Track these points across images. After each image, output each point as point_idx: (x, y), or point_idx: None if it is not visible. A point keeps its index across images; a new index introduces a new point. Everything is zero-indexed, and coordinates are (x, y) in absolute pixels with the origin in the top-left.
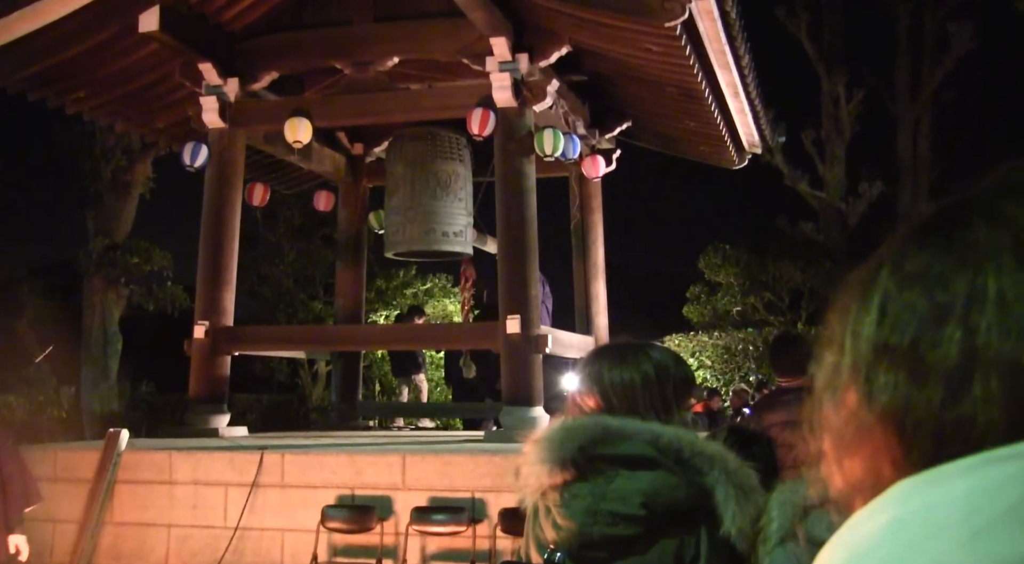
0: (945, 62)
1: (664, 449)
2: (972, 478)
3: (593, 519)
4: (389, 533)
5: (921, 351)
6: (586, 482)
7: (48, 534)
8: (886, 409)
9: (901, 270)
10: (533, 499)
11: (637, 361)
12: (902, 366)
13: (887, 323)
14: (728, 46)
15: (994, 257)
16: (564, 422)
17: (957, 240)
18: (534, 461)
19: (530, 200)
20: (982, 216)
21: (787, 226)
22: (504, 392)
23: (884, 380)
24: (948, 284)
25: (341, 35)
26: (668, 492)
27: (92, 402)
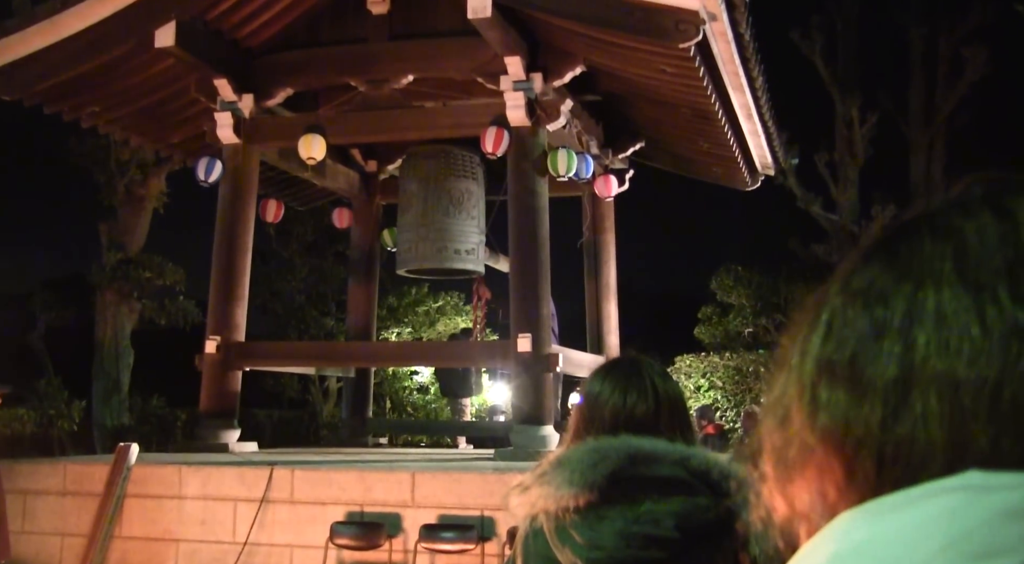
0: (959, 87)
1: (694, 471)
2: (911, 512)
3: (626, 542)
4: (398, 550)
5: (859, 367)
6: (614, 505)
7: (56, 548)
8: (827, 428)
9: (848, 286)
10: (537, 520)
11: (667, 376)
12: (842, 382)
13: (831, 339)
14: (742, 68)
15: (935, 270)
16: (590, 443)
17: (901, 254)
18: (560, 482)
19: (543, 219)
20: (929, 229)
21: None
22: (515, 411)
23: (825, 398)
24: (888, 298)
25: (356, 53)
26: (700, 514)
27: (103, 416)
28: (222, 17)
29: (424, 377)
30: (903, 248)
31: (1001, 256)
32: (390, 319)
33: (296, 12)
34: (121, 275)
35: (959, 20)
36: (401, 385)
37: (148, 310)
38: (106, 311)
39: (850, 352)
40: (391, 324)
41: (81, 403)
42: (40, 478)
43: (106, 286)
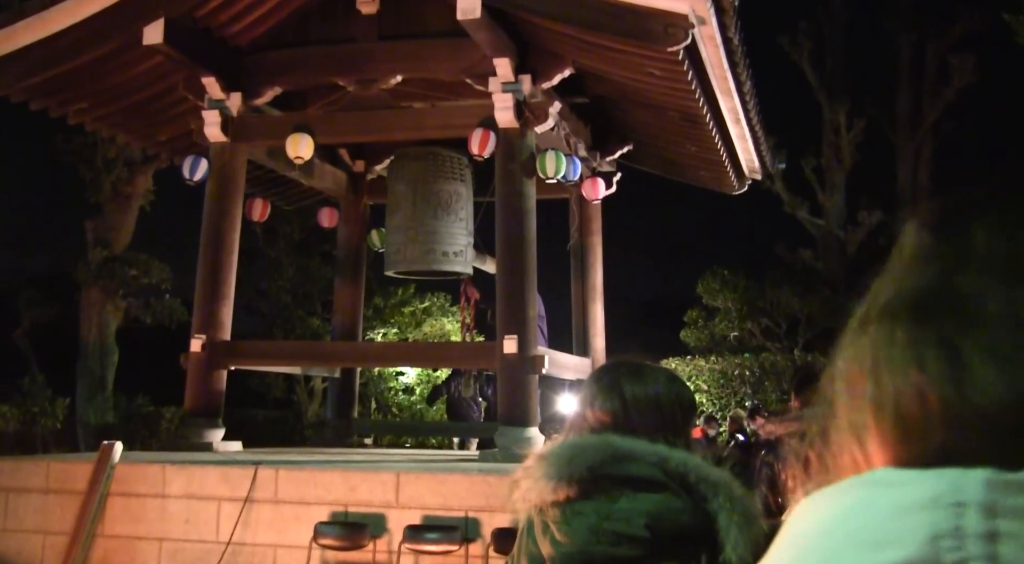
0: (946, 94)
1: (671, 473)
2: (835, 503)
3: (596, 538)
4: (382, 551)
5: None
6: (589, 500)
7: (38, 546)
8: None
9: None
10: (529, 514)
11: (656, 378)
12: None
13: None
14: (730, 72)
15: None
16: (571, 439)
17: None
18: (539, 476)
19: (530, 221)
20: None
21: (786, 253)
22: (500, 412)
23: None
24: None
25: (345, 52)
26: (673, 515)
27: (87, 414)
28: (211, 15)
29: (410, 378)
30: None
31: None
32: (376, 319)
33: (285, 11)
34: (107, 273)
35: (946, 27)
36: (387, 386)
37: (133, 308)
38: (91, 309)
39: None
40: (377, 324)
41: (65, 401)
42: (23, 476)
43: (91, 284)
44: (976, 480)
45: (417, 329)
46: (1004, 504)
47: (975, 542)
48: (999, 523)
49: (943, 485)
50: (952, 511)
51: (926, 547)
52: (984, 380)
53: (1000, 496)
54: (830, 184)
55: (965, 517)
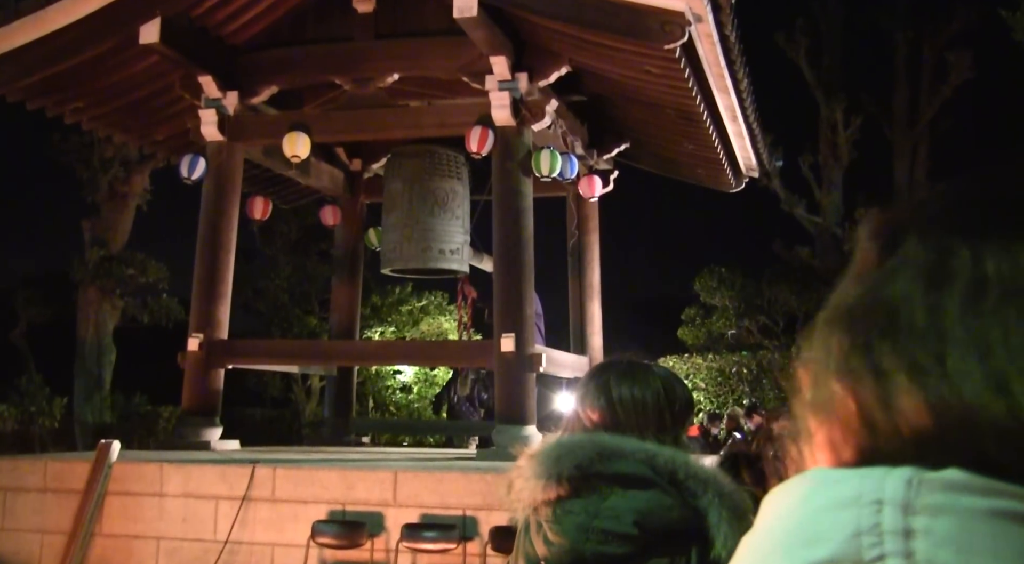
0: (943, 91)
1: (659, 470)
2: (782, 499)
3: (585, 536)
4: (379, 549)
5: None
6: (579, 499)
7: (36, 545)
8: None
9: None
10: (524, 514)
11: (646, 378)
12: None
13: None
14: (727, 69)
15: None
16: (560, 438)
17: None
18: (529, 475)
19: (527, 219)
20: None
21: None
22: (498, 410)
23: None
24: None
25: (342, 51)
26: (662, 512)
27: (84, 413)
28: (207, 14)
29: (407, 377)
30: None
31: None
32: (373, 318)
33: (281, 10)
34: (104, 272)
35: (943, 24)
36: (384, 384)
37: (131, 307)
38: (88, 308)
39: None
40: (374, 323)
41: (63, 400)
42: (21, 475)
43: (88, 283)
44: (897, 478)
45: (414, 328)
46: (919, 502)
47: (892, 538)
48: (914, 520)
49: (867, 483)
50: (873, 508)
51: (849, 544)
52: (900, 390)
53: (916, 494)
54: (827, 181)
55: (883, 514)
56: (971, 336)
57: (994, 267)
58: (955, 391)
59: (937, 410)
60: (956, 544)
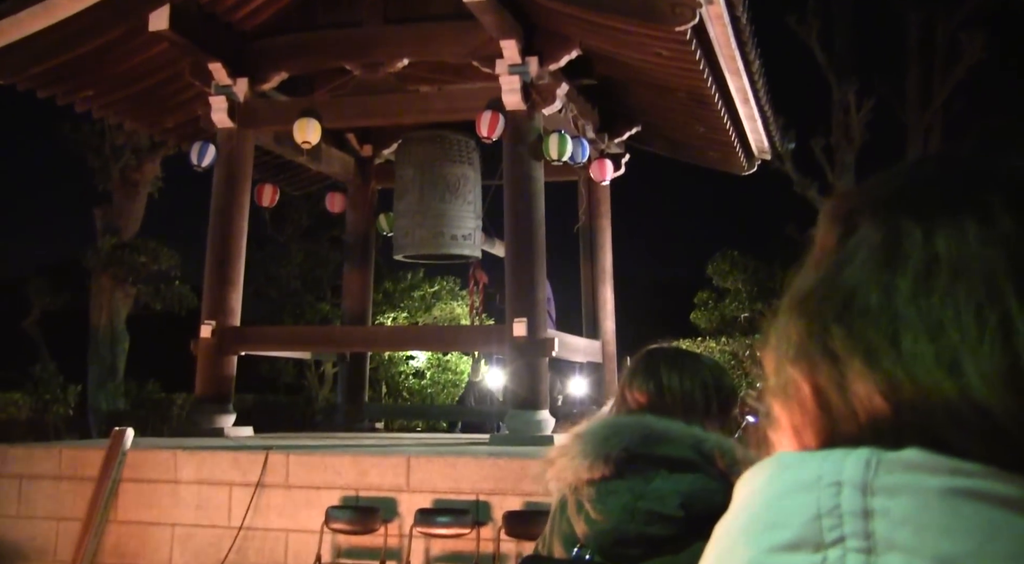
0: (956, 71)
1: (706, 454)
2: (749, 484)
3: (630, 516)
4: (393, 535)
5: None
6: (624, 480)
7: (52, 532)
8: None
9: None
10: (561, 493)
11: (696, 367)
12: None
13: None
14: (738, 51)
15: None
16: (608, 419)
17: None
18: (575, 454)
19: (538, 203)
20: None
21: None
22: (510, 395)
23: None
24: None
25: (351, 36)
26: (707, 496)
27: (98, 400)
28: (216, 0)
29: (420, 362)
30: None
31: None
32: (386, 304)
33: None
34: (116, 260)
35: (956, 4)
36: (397, 370)
37: (143, 295)
38: (101, 296)
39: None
40: (387, 309)
41: (77, 388)
42: (36, 462)
43: (101, 271)
44: (855, 460)
45: (427, 313)
46: (878, 482)
47: (852, 519)
48: (873, 500)
49: (826, 465)
50: (832, 490)
51: (809, 526)
52: (855, 373)
53: (875, 474)
54: (840, 164)
55: (843, 496)
56: (923, 316)
57: (944, 245)
58: (908, 372)
59: (892, 392)
60: (915, 523)
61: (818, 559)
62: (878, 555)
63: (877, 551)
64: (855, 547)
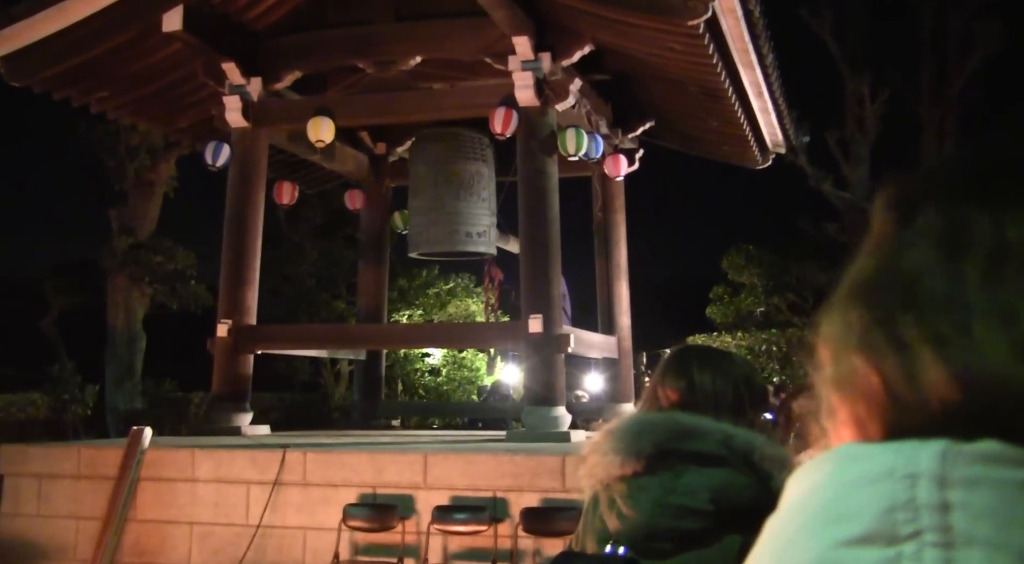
0: (970, 62)
1: (735, 450)
2: (811, 476)
3: (661, 512)
4: (411, 532)
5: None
6: (655, 475)
7: (72, 531)
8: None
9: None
10: (593, 490)
11: (729, 368)
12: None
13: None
14: (752, 45)
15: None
16: (639, 415)
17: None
18: (607, 450)
19: (553, 200)
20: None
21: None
22: (526, 392)
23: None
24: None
25: (363, 34)
26: (736, 491)
27: (116, 400)
28: (228, 0)
29: (436, 359)
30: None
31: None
32: (401, 301)
33: None
34: (132, 260)
35: None
36: (413, 367)
37: (159, 294)
38: (118, 296)
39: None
40: (402, 306)
41: (94, 387)
42: (55, 462)
43: (117, 271)
44: (931, 451)
45: (442, 310)
46: (956, 475)
47: (928, 513)
48: (951, 493)
49: (899, 457)
50: (907, 483)
51: (882, 519)
52: (925, 362)
53: (952, 467)
54: (854, 156)
55: (918, 488)
56: (995, 304)
57: (1015, 234)
58: (981, 361)
59: (964, 381)
60: (996, 517)
61: (892, 554)
62: (957, 549)
63: (956, 545)
64: (932, 541)
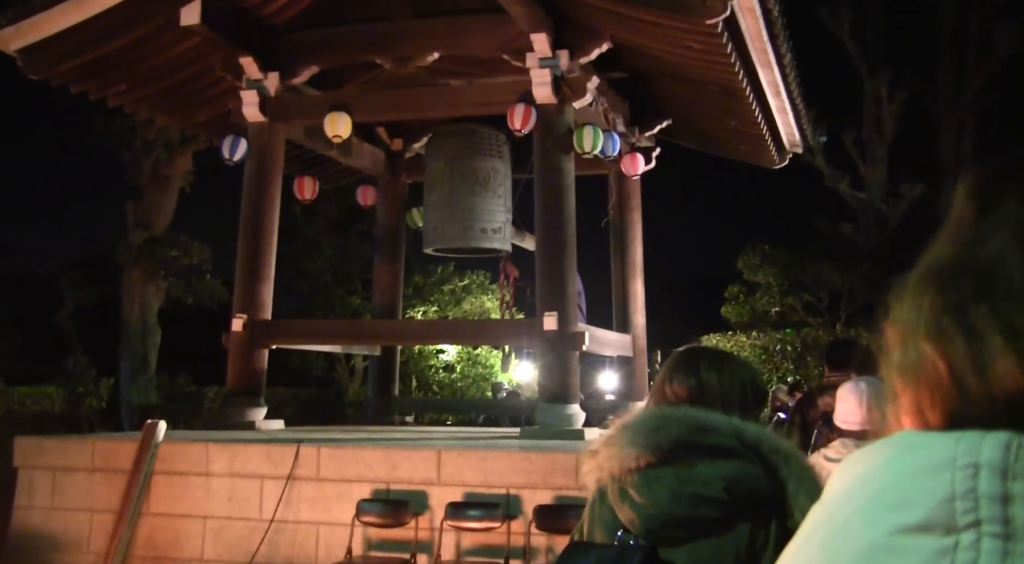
0: (990, 63)
1: (746, 442)
2: (866, 462)
3: (677, 501)
4: (424, 528)
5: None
6: (668, 466)
7: (85, 524)
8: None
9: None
10: (600, 484)
11: (734, 368)
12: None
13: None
14: (770, 44)
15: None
16: (652, 410)
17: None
18: (624, 443)
19: (569, 197)
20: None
21: (827, 227)
22: (541, 389)
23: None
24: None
25: (381, 30)
26: (749, 481)
27: (131, 394)
28: None
29: (450, 356)
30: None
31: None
32: (416, 297)
33: None
34: (147, 254)
35: None
36: (427, 364)
37: (175, 289)
38: (133, 290)
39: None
40: (417, 302)
41: (109, 381)
42: (69, 455)
43: (133, 265)
44: (993, 442)
45: (457, 307)
46: (1019, 466)
47: (989, 504)
48: (1013, 485)
49: (960, 447)
50: (968, 472)
51: (941, 508)
52: (995, 352)
53: (1015, 458)
54: (871, 157)
55: (980, 479)
56: None
57: None
58: None
59: None
60: None
61: (949, 543)
62: (1016, 542)
63: (1015, 538)
64: (991, 532)
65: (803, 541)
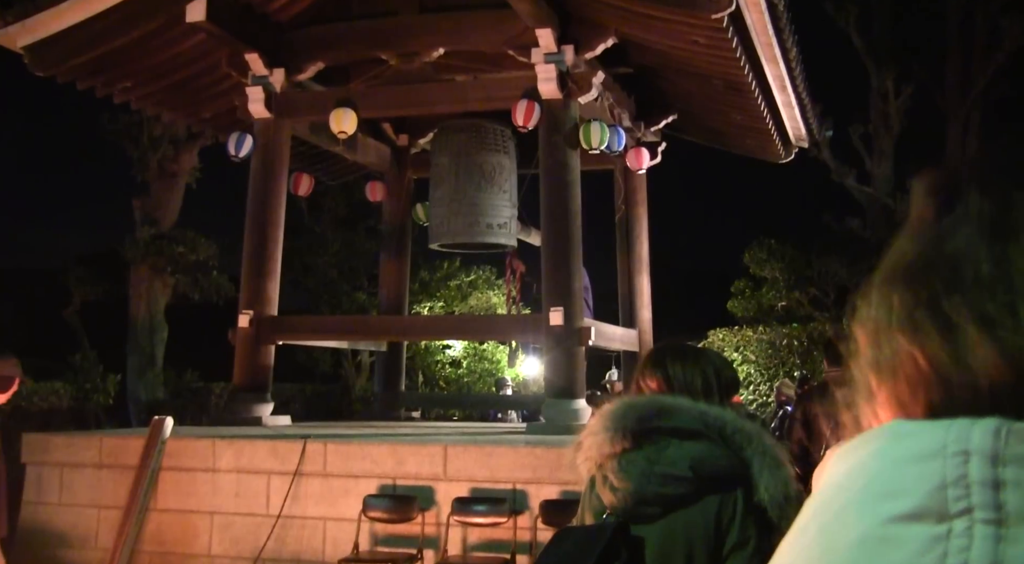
0: (997, 57)
1: (710, 425)
2: (858, 453)
3: (647, 480)
4: (430, 523)
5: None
6: (641, 450)
7: (93, 520)
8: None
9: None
10: (590, 474)
11: (697, 360)
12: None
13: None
14: (776, 38)
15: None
16: (625, 399)
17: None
18: (597, 430)
19: (574, 192)
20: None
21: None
22: (547, 384)
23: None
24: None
25: (387, 26)
26: (713, 460)
27: (138, 390)
28: None
29: (456, 351)
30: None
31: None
32: (422, 293)
33: None
34: (154, 250)
35: None
36: (433, 359)
37: (181, 285)
38: (140, 286)
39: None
40: (423, 298)
41: (116, 377)
42: (77, 451)
43: (140, 261)
44: (982, 429)
45: (463, 302)
46: (1008, 452)
47: (980, 490)
48: (1003, 471)
49: (950, 434)
50: (958, 460)
51: (933, 496)
52: (972, 342)
53: (1004, 444)
54: (878, 151)
55: (970, 465)
56: None
57: None
58: None
59: (1012, 360)
60: None
61: (942, 530)
62: (1008, 527)
63: (1008, 523)
64: (983, 518)
65: (797, 534)
